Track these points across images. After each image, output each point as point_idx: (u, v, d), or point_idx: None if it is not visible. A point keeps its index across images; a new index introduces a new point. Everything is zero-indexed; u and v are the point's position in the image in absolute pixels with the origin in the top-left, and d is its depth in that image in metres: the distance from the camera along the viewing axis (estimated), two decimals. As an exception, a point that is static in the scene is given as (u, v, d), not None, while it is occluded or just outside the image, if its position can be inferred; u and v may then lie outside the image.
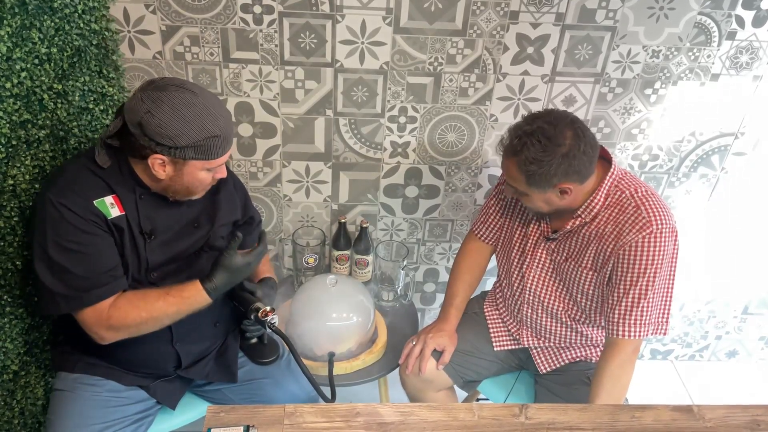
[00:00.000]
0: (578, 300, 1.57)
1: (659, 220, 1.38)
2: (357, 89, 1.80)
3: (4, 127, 1.22)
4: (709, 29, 1.74)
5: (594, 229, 1.47)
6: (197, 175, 1.28)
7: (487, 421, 1.26)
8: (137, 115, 1.19)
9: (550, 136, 1.33)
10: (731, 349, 2.55)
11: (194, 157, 1.24)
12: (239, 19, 1.66)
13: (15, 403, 1.41)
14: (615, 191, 1.44)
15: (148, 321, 1.30)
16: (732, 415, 1.30)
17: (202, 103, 1.21)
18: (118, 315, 1.27)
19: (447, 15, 1.68)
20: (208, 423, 1.21)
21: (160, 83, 1.21)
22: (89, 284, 1.24)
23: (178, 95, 1.19)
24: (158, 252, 1.35)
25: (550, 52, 1.76)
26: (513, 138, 1.38)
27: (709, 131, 1.95)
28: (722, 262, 2.25)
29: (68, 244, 1.22)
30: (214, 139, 1.23)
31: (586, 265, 1.50)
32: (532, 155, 1.33)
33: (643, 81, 1.83)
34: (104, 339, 1.30)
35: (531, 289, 1.62)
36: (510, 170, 1.41)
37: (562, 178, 1.36)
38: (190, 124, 1.19)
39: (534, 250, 1.60)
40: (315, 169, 1.95)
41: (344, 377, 1.74)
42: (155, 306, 1.29)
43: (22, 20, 1.24)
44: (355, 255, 2.01)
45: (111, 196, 1.28)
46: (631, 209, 1.41)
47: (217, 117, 1.23)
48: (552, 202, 1.44)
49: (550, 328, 1.64)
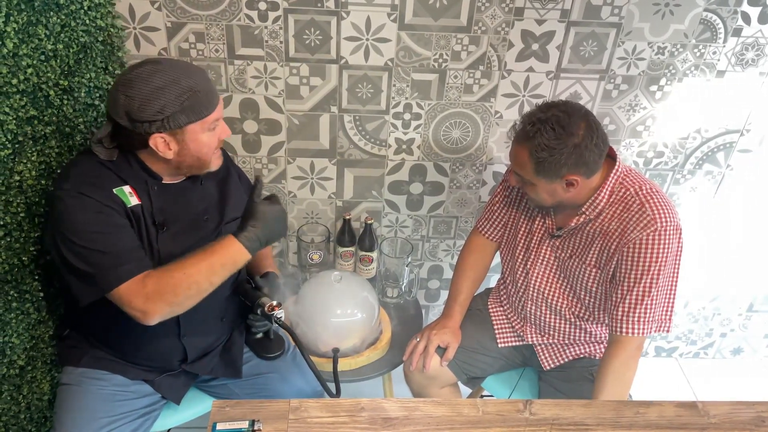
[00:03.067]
0: (582, 297, 1.57)
1: (664, 217, 1.38)
2: (362, 86, 1.80)
3: (10, 123, 1.23)
4: (715, 26, 1.74)
5: (598, 226, 1.46)
6: (200, 139, 1.27)
7: (492, 417, 1.26)
8: (118, 107, 1.20)
9: (564, 125, 1.33)
10: (736, 346, 2.55)
11: (187, 121, 1.23)
12: (244, 15, 1.66)
13: (21, 398, 1.42)
14: (619, 188, 1.44)
15: (185, 285, 1.23)
16: (736, 411, 1.30)
17: (168, 68, 1.22)
18: (154, 282, 1.23)
19: (452, 11, 1.68)
20: (213, 418, 1.21)
21: (124, 71, 1.24)
22: (120, 260, 1.22)
23: (142, 69, 1.21)
24: (170, 244, 1.35)
25: (555, 49, 1.76)
26: (526, 124, 1.38)
27: (715, 128, 1.94)
28: (727, 259, 2.25)
29: (90, 227, 1.21)
30: (196, 94, 1.22)
31: (590, 263, 1.50)
32: (544, 142, 1.33)
33: (649, 78, 1.83)
34: (147, 313, 1.22)
35: (535, 286, 1.62)
36: (519, 157, 1.40)
37: (571, 168, 1.36)
38: (166, 89, 1.20)
39: (538, 247, 1.60)
40: (320, 166, 1.96)
41: (348, 373, 1.74)
42: (191, 265, 1.25)
43: (28, 16, 1.25)
44: (360, 252, 2.01)
45: (128, 186, 1.28)
46: (636, 206, 1.41)
47: (190, 74, 1.23)
48: (556, 194, 1.43)
49: (554, 325, 1.64)
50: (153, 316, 1.23)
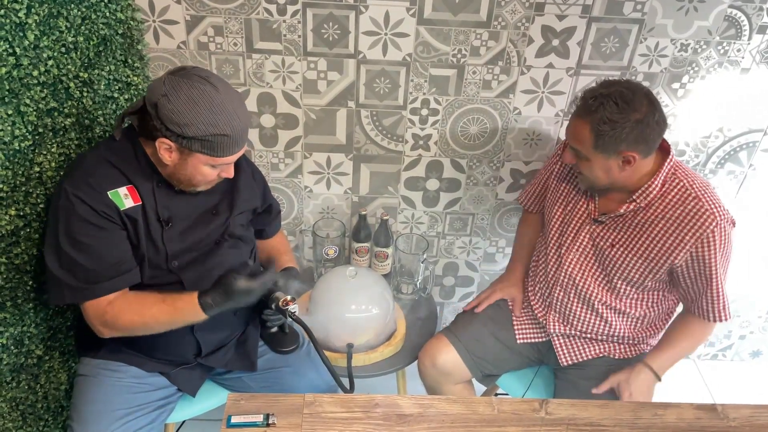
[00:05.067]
0: (618, 287, 1.57)
1: (721, 211, 1.42)
2: (379, 81, 1.79)
3: (31, 114, 1.24)
4: (740, 23, 1.71)
5: (649, 217, 1.48)
6: (201, 168, 1.27)
7: (507, 416, 1.25)
8: (155, 96, 1.20)
9: (627, 100, 1.36)
10: (755, 349, 2.51)
11: (200, 150, 1.23)
12: (263, 9, 1.66)
13: (39, 388, 1.43)
14: (672, 179, 1.46)
15: (140, 326, 1.31)
16: (757, 414, 1.28)
17: (220, 100, 1.20)
18: (113, 313, 1.28)
19: (471, 6, 1.67)
20: (228, 411, 1.22)
21: (188, 71, 1.22)
22: (95, 277, 1.25)
23: (198, 86, 1.19)
24: (176, 240, 1.35)
25: (576, 45, 1.74)
26: (588, 99, 1.40)
27: (738, 127, 1.91)
28: (748, 260, 2.21)
29: (78, 236, 1.23)
30: (223, 137, 1.22)
31: (638, 253, 1.50)
32: (607, 115, 1.35)
33: (671, 75, 1.80)
34: (101, 333, 1.32)
35: (568, 272, 1.62)
36: (579, 132, 1.42)
37: (630, 145, 1.38)
38: (201, 117, 1.19)
39: (577, 233, 1.60)
40: (336, 161, 1.95)
41: (362, 369, 1.74)
42: (149, 312, 1.30)
43: (49, 9, 1.25)
44: (375, 247, 2.01)
45: (126, 187, 1.28)
46: (691, 201, 1.43)
47: (232, 117, 1.22)
48: (611, 172, 1.44)
49: (579, 315, 1.63)
50: (106, 336, 1.33)
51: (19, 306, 1.31)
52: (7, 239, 1.24)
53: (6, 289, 1.26)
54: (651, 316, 1.61)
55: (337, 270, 1.82)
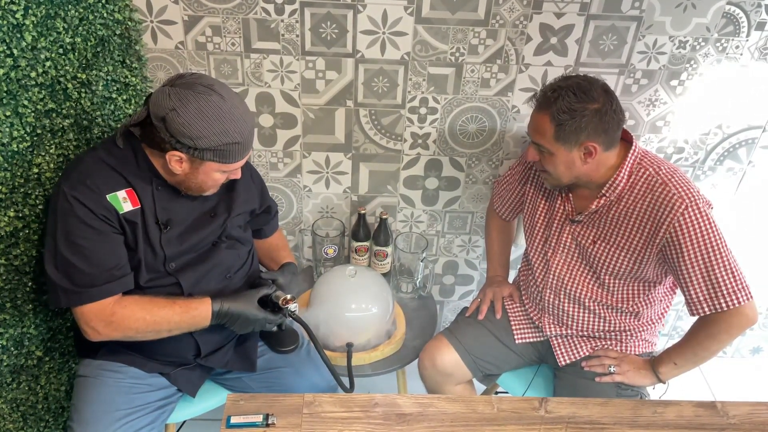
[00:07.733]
0: (607, 283, 1.57)
1: (688, 192, 1.40)
2: (378, 80, 1.79)
3: (29, 116, 1.24)
4: (738, 19, 1.70)
5: (623, 209, 1.48)
6: (212, 175, 1.29)
7: (507, 414, 1.25)
8: (162, 110, 1.19)
9: (585, 90, 1.38)
10: (755, 345, 2.51)
11: (212, 159, 1.25)
12: (261, 9, 1.66)
13: (39, 389, 1.43)
14: (638, 168, 1.46)
15: (150, 325, 1.31)
16: (757, 412, 1.28)
17: (228, 108, 1.21)
18: (123, 313, 1.28)
19: (469, 5, 1.66)
20: (227, 411, 1.22)
21: (189, 80, 1.21)
22: (91, 281, 1.25)
23: (205, 97, 1.19)
24: (174, 243, 1.36)
25: (574, 43, 1.74)
26: (547, 91, 1.42)
27: (736, 124, 1.91)
28: (748, 257, 2.21)
29: (75, 238, 1.23)
30: (235, 145, 1.24)
31: (619, 245, 1.50)
32: (566, 105, 1.37)
33: (669, 72, 1.80)
34: (99, 334, 1.29)
35: (555, 273, 1.62)
36: (540, 125, 1.43)
37: (590, 135, 1.39)
38: (213, 127, 1.20)
39: (559, 235, 1.60)
40: (335, 160, 1.95)
41: (362, 368, 1.74)
42: (160, 313, 1.30)
43: (47, 10, 1.25)
44: (375, 246, 2.01)
45: (124, 191, 1.28)
46: (659, 187, 1.42)
47: (241, 123, 1.23)
48: (574, 166, 1.44)
49: (572, 315, 1.64)
50: (102, 338, 1.31)
51: (19, 307, 1.31)
52: (6, 241, 1.24)
53: (5, 291, 1.26)
54: (645, 310, 1.60)
55: (336, 269, 1.82)
